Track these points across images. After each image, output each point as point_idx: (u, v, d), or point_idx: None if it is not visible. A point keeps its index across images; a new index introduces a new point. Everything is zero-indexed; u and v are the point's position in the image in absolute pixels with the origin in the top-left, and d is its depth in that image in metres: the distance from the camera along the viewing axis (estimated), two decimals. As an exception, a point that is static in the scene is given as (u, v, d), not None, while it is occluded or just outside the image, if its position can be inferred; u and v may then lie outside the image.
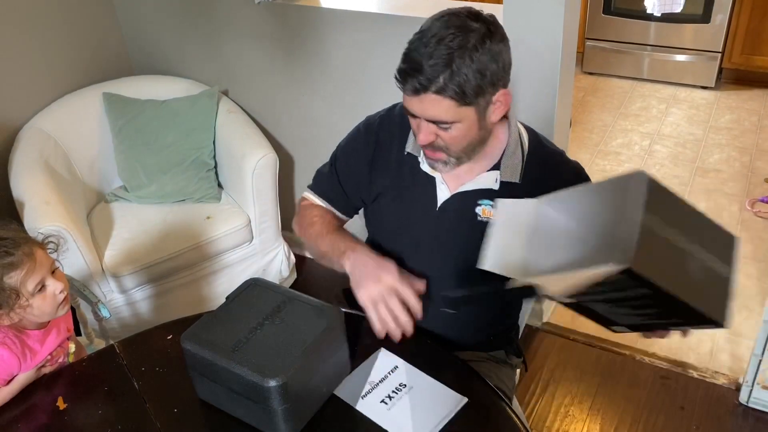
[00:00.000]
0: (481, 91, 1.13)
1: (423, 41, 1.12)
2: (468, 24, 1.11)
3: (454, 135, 1.18)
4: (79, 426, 1.23)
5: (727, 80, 4.09)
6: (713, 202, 3.06)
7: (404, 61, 1.15)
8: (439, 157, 1.24)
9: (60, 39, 2.55)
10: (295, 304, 1.21)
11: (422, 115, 1.17)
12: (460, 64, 1.09)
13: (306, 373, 1.11)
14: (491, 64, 1.12)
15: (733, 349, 2.32)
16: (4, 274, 1.26)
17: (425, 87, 1.12)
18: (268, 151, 2.32)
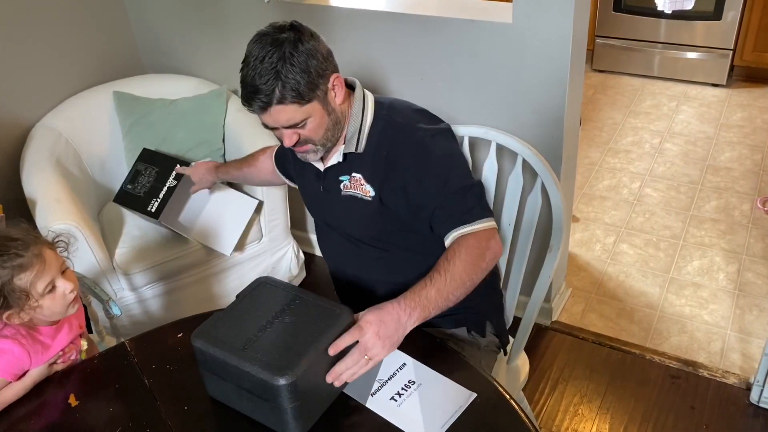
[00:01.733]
0: (313, 86, 1.28)
1: (250, 66, 1.27)
2: (278, 38, 1.26)
3: (311, 128, 1.33)
4: (91, 423, 1.24)
5: (738, 78, 4.06)
6: (724, 201, 3.04)
7: (243, 88, 1.29)
8: (307, 149, 1.38)
9: (71, 38, 2.57)
10: (306, 302, 1.21)
11: (278, 125, 1.32)
12: (286, 73, 1.25)
13: (316, 372, 1.12)
14: (311, 61, 1.27)
15: (744, 348, 2.31)
16: (13, 275, 1.26)
17: (268, 103, 1.27)
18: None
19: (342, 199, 1.45)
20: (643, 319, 2.46)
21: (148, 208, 2.21)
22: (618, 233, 2.91)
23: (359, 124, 1.41)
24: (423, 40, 2.10)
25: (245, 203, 2.33)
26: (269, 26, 1.31)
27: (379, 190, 1.40)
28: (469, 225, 1.33)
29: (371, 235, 1.47)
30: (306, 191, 1.59)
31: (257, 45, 1.28)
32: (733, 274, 2.63)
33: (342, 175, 1.44)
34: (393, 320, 1.18)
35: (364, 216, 1.43)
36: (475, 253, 1.31)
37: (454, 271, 1.27)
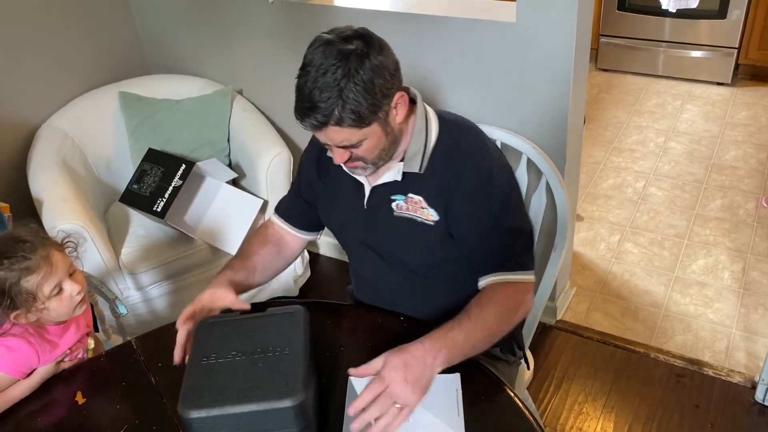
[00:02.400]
0: (375, 108, 1.17)
1: (310, 77, 1.15)
2: (344, 49, 1.14)
3: (365, 149, 1.22)
4: (98, 420, 1.25)
5: (743, 76, 4.05)
6: (729, 200, 3.04)
7: (298, 100, 1.18)
8: (357, 166, 1.27)
9: (77, 39, 2.58)
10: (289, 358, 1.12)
11: (330, 143, 1.22)
12: (348, 92, 1.13)
13: (226, 425, 1.05)
14: (377, 80, 1.15)
15: (749, 347, 2.30)
16: (21, 277, 1.27)
17: (323, 123, 1.16)
18: (281, 149, 2.34)
19: (394, 220, 1.33)
20: (648, 317, 2.46)
21: (154, 207, 2.22)
22: (622, 232, 2.91)
23: (423, 144, 1.29)
24: (427, 40, 2.10)
25: (250, 202, 2.34)
26: (334, 32, 1.17)
27: (444, 215, 1.29)
28: (510, 273, 1.27)
29: (427, 262, 1.36)
30: (336, 207, 1.43)
31: (320, 53, 1.15)
32: (738, 272, 2.62)
33: (395, 194, 1.32)
34: (419, 363, 1.10)
35: (422, 241, 1.32)
36: (509, 305, 1.25)
37: (486, 318, 1.20)
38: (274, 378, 1.08)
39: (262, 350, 1.13)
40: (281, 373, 1.09)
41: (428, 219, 1.30)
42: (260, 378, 1.08)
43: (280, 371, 1.09)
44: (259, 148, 2.36)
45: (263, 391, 1.06)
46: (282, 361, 1.11)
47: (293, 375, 1.09)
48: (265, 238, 1.52)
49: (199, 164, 2.32)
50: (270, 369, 1.10)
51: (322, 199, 1.45)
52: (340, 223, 1.44)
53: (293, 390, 1.06)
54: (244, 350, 1.14)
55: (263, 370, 1.10)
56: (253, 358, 1.12)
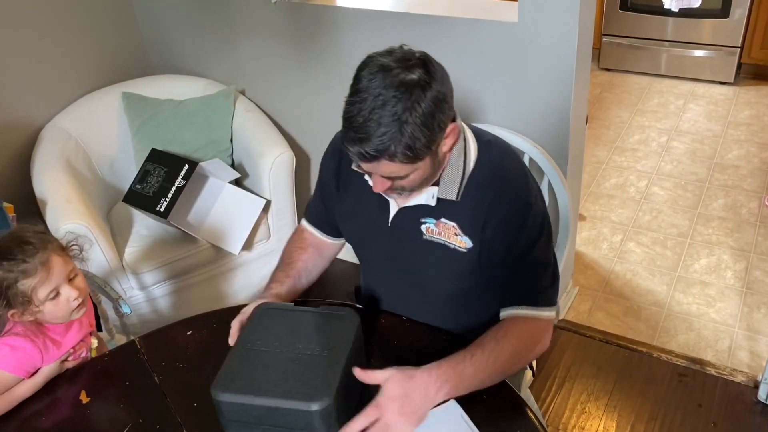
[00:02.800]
0: (431, 143, 1.12)
1: (364, 105, 1.07)
2: (405, 79, 1.07)
3: (410, 180, 1.17)
4: (102, 419, 1.26)
5: (746, 75, 4.05)
6: (731, 199, 3.04)
7: (348, 127, 1.10)
8: (393, 194, 1.24)
9: (80, 40, 2.59)
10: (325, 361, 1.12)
11: (375, 173, 1.16)
12: (407, 127, 1.07)
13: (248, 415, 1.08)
14: (437, 114, 1.09)
15: (751, 346, 2.30)
16: (17, 279, 1.28)
17: (375, 157, 1.10)
18: (284, 149, 2.34)
19: (422, 243, 1.28)
20: (651, 317, 2.46)
21: (157, 207, 2.23)
22: (625, 232, 2.91)
23: (461, 170, 1.23)
24: (429, 40, 2.10)
25: (253, 202, 2.34)
26: (392, 56, 1.10)
27: (479, 243, 1.24)
28: (533, 309, 1.23)
29: (454, 287, 1.32)
30: (357, 221, 1.39)
31: (378, 81, 1.07)
32: (740, 272, 2.62)
33: (426, 216, 1.27)
34: (420, 394, 1.08)
35: (452, 268, 1.28)
36: (527, 342, 1.22)
37: (500, 354, 1.17)
38: (306, 378, 1.08)
39: (304, 347, 1.14)
40: (315, 374, 1.09)
41: (461, 246, 1.25)
42: (294, 375, 1.09)
43: (315, 373, 1.09)
44: (261, 148, 2.37)
45: (293, 389, 1.07)
46: (319, 363, 1.11)
47: (325, 379, 1.08)
48: (303, 242, 1.50)
49: (202, 164, 2.32)
50: (305, 368, 1.10)
51: (342, 211, 1.42)
52: (360, 238, 1.41)
53: (321, 394, 1.05)
54: (287, 343, 1.15)
55: (299, 367, 1.10)
56: (293, 354, 1.13)
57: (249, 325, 1.20)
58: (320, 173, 1.47)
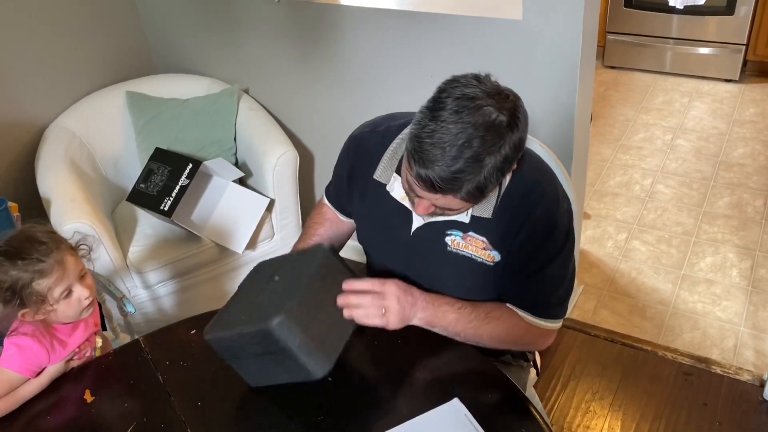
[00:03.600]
0: (495, 185, 1.09)
1: (446, 138, 1.01)
2: (497, 120, 1.02)
3: (457, 210, 1.17)
4: (106, 418, 1.26)
5: (751, 73, 4.03)
6: (737, 197, 3.02)
7: (420, 151, 1.03)
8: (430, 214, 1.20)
9: (84, 39, 2.59)
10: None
11: (428, 200, 1.12)
12: (483, 170, 1.03)
13: (310, 307, 1.14)
14: (513, 159, 1.06)
15: (757, 344, 2.29)
16: (33, 279, 1.28)
17: (442, 190, 1.05)
18: (288, 148, 2.34)
19: (447, 255, 1.26)
20: (656, 315, 2.45)
21: (161, 206, 2.23)
22: (630, 230, 2.90)
23: (499, 188, 1.21)
24: (433, 38, 2.10)
25: (257, 201, 2.34)
26: (480, 86, 1.04)
27: (506, 255, 1.24)
28: (536, 318, 1.26)
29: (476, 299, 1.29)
30: (374, 228, 1.38)
31: (466, 114, 1.01)
32: (746, 270, 2.61)
33: (452, 228, 1.25)
34: (410, 302, 1.19)
35: (477, 281, 1.27)
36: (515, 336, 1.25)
37: (481, 328, 1.22)
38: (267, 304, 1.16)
39: (274, 284, 1.22)
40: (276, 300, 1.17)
41: (489, 260, 1.24)
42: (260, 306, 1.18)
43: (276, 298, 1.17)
44: (265, 147, 2.37)
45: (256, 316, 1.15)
46: (282, 291, 1.19)
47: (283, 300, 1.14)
48: (321, 217, 1.52)
49: (205, 163, 2.33)
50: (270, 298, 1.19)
51: (358, 212, 1.41)
52: (376, 243, 1.40)
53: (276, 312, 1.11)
54: (262, 284, 1.25)
55: (265, 299, 1.20)
56: (262, 290, 1.23)
57: (243, 281, 1.31)
58: (337, 164, 1.47)
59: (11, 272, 1.27)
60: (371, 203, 1.35)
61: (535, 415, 1.17)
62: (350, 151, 1.40)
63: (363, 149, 1.36)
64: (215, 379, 1.29)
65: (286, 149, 2.33)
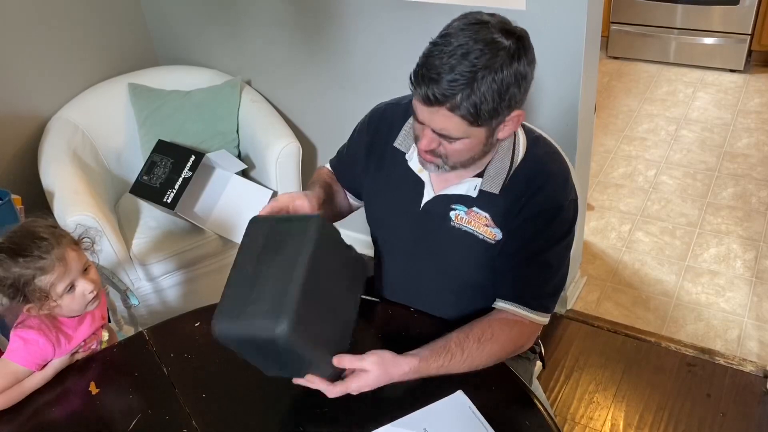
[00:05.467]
0: (496, 113, 1.09)
1: (447, 49, 1.05)
2: (498, 40, 1.05)
3: (457, 148, 1.15)
4: (111, 410, 1.26)
5: (756, 63, 4.01)
6: (741, 188, 3.01)
7: (422, 65, 1.08)
8: (433, 161, 1.19)
9: (86, 31, 2.59)
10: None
11: (429, 125, 1.13)
12: (480, 84, 1.04)
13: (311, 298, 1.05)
14: (513, 88, 1.07)
15: (761, 336, 2.29)
16: (35, 276, 1.28)
17: (439, 101, 1.07)
18: (291, 140, 2.34)
19: (450, 230, 1.26)
20: (659, 307, 2.45)
21: (164, 199, 2.23)
22: (633, 221, 2.89)
23: (509, 164, 1.22)
24: (435, 29, 2.08)
25: (260, 193, 2.34)
26: (496, 18, 1.08)
27: (506, 234, 1.23)
28: (529, 311, 1.25)
29: (477, 276, 1.30)
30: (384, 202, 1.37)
31: (469, 31, 1.05)
32: (750, 261, 2.61)
33: (456, 203, 1.25)
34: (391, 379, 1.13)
35: (479, 258, 1.26)
36: (509, 347, 1.24)
37: (477, 356, 1.19)
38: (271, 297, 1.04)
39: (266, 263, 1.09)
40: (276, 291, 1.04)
41: (491, 237, 1.24)
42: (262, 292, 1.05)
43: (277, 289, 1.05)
44: (268, 139, 2.36)
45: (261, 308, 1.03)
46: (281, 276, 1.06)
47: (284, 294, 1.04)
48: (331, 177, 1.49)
49: (208, 155, 2.32)
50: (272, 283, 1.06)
51: (370, 187, 1.39)
52: (386, 217, 1.38)
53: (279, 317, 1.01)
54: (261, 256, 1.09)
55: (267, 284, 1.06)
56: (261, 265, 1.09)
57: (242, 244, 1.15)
58: (350, 141, 1.46)
59: (13, 269, 1.28)
60: (387, 174, 1.34)
61: (538, 407, 1.18)
62: (372, 121, 1.39)
63: (385, 120, 1.36)
64: (219, 371, 1.29)
65: (288, 141, 2.33)
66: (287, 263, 1.07)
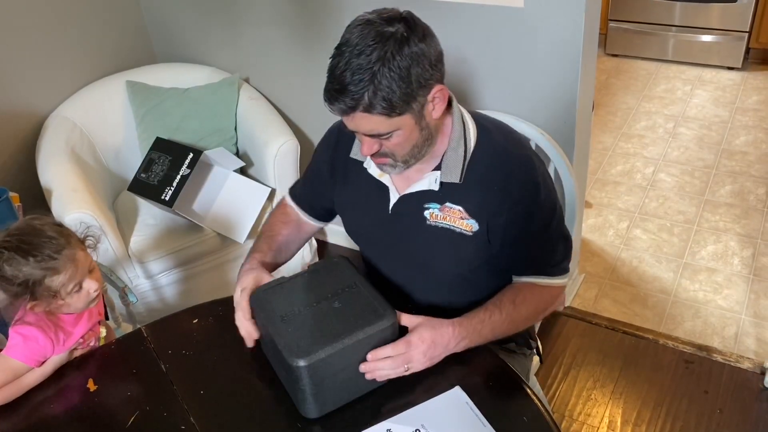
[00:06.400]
0: (409, 98, 1.10)
1: (343, 57, 1.08)
2: (384, 31, 1.08)
3: (396, 142, 1.16)
4: (109, 407, 1.26)
5: (754, 60, 4.01)
6: (739, 185, 3.02)
7: (329, 81, 1.11)
8: (384, 162, 1.22)
9: (84, 28, 2.58)
10: (358, 293, 1.20)
11: (358, 131, 1.16)
12: (381, 78, 1.06)
13: (338, 362, 1.12)
14: (415, 68, 1.09)
15: (758, 333, 2.30)
16: (45, 276, 1.29)
17: (352, 108, 1.09)
18: (289, 137, 2.34)
19: (427, 229, 1.27)
20: (657, 304, 2.46)
21: (162, 196, 2.23)
22: (631, 218, 2.90)
23: (462, 152, 1.23)
24: (434, 26, 2.08)
25: (258, 191, 2.34)
26: (376, 13, 1.12)
27: (486, 225, 1.25)
28: (549, 278, 1.29)
29: (459, 270, 1.32)
30: (356, 212, 1.40)
31: (357, 33, 1.09)
32: (748, 258, 2.61)
33: (429, 202, 1.27)
34: (443, 344, 1.18)
35: (458, 251, 1.28)
36: (542, 307, 1.30)
37: (517, 317, 1.25)
38: (360, 309, 1.16)
39: (332, 294, 1.20)
40: (363, 303, 1.17)
41: (467, 229, 1.25)
42: (347, 313, 1.16)
43: (362, 302, 1.18)
44: (266, 136, 2.36)
45: (358, 320, 1.14)
46: (357, 295, 1.19)
47: (376, 301, 1.17)
48: (286, 217, 1.52)
49: (206, 153, 2.32)
50: (350, 304, 1.18)
51: (340, 202, 1.43)
52: (361, 227, 1.41)
53: (385, 312, 1.15)
54: (313, 300, 1.19)
55: (345, 307, 1.17)
56: (328, 302, 1.19)
57: (262, 309, 1.21)
58: (312, 160, 1.49)
59: (23, 269, 1.28)
60: (353, 186, 1.37)
61: (536, 403, 1.18)
62: (331, 138, 1.42)
63: (343, 134, 1.37)
64: (217, 368, 1.30)
65: (287, 139, 2.33)
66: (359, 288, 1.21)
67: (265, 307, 1.20)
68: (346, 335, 1.12)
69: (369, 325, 1.13)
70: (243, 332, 1.26)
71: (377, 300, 1.18)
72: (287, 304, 1.19)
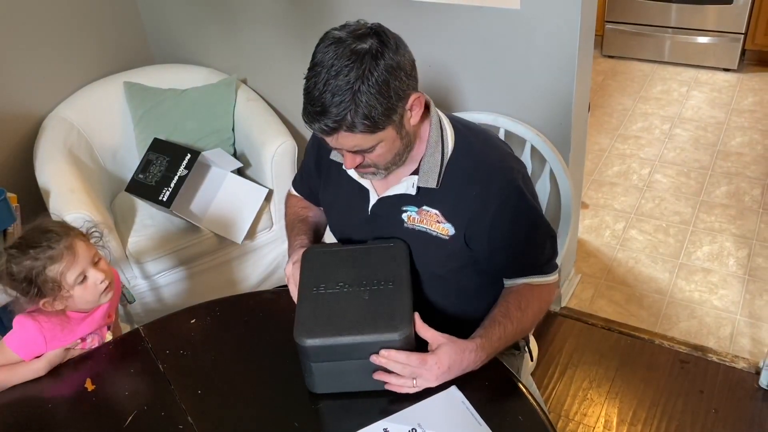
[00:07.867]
0: (390, 111, 1.11)
1: (319, 78, 1.09)
2: (358, 48, 1.08)
3: (378, 153, 1.17)
4: (107, 407, 1.27)
5: (750, 62, 4.03)
6: (734, 186, 3.03)
7: (306, 102, 1.12)
8: (367, 171, 1.23)
9: (82, 29, 2.59)
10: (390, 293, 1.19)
11: (341, 149, 1.17)
12: (361, 96, 1.07)
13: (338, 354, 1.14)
14: (392, 81, 1.09)
15: (753, 333, 2.31)
16: (45, 266, 1.31)
17: (334, 128, 1.10)
18: (286, 138, 2.34)
19: (404, 231, 1.29)
20: (653, 304, 2.47)
21: (160, 197, 2.23)
22: (627, 219, 2.91)
23: (440, 157, 1.24)
24: (430, 27, 2.10)
25: (255, 192, 2.35)
26: (345, 29, 1.12)
27: (464, 230, 1.25)
28: (542, 276, 1.32)
29: (435, 272, 1.33)
30: (337, 211, 1.42)
31: (331, 53, 1.09)
32: (743, 259, 2.62)
33: (407, 205, 1.28)
34: (459, 369, 1.17)
35: (434, 254, 1.29)
36: (544, 306, 1.33)
37: (524, 321, 1.27)
38: (381, 311, 1.16)
39: (368, 282, 1.21)
40: (388, 306, 1.17)
41: (443, 233, 1.26)
42: (368, 310, 1.17)
43: (387, 305, 1.17)
44: (263, 137, 2.37)
45: (372, 323, 1.15)
46: (388, 295, 1.19)
47: (399, 310, 1.16)
48: (303, 202, 1.56)
49: (204, 154, 2.33)
50: (377, 302, 1.18)
51: (324, 200, 1.46)
52: (342, 227, 1.42)
53: (400, 324, 1.14)
54: (350, 281, 1.21)
55: (371, 302, 1.18)
56: (360, 290, 1.20)
57: (304, 270, 1.25)
58: (304, 159, 1.52)
59: (24, 262, 1.31)
60: (334, 187, 1.39)
61: (532, 403, 1.19)
62: (316, 138, 1.42)
63: None
64: (215, 368, 1.30)
65: (284, 139, 2.33)
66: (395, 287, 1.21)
67: (307, 268, 1.23)
68: (353, 333, 1.13)
69: (377, 332, 1.14)
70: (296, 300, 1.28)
71: (402, 308, 1.17)
72: (325, 274, 1.23)
